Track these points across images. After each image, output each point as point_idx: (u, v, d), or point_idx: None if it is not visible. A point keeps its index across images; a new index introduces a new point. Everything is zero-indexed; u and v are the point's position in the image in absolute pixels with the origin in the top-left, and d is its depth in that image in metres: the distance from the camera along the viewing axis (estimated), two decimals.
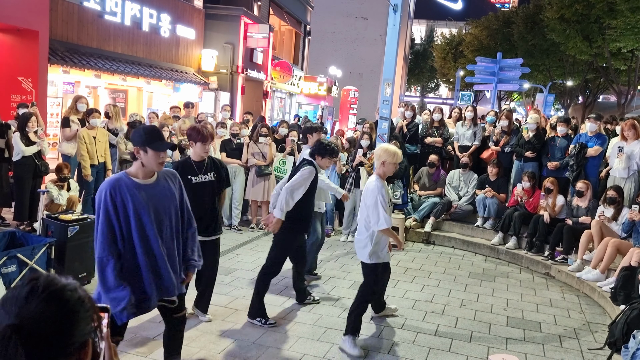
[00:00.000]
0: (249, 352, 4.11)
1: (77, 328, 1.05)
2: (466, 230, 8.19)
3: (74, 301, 1.06)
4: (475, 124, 8.65)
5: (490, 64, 14.52)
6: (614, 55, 22.92)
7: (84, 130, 7.22)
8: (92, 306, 1.10)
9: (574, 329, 5.08)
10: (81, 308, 1.06)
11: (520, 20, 28.57)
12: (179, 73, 15.56)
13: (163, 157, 2.93)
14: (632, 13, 18.63)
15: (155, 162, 2.90)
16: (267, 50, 19.50)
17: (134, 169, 2.92)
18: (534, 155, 7.78)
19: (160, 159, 2.91)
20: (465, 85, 29.70)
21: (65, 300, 1.05)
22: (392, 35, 7.52)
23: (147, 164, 2.89)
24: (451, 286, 6.13)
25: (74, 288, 1.08)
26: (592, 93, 30.38)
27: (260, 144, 7.90)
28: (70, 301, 1.05)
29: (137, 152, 2.88)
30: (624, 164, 6.72)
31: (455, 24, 46.76)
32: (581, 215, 6.81)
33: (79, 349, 1.06)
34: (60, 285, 1.06)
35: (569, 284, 6.46)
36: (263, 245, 7.21)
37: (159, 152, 2.89)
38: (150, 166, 2.91)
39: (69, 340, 1.03)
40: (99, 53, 12.30)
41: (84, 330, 1.07)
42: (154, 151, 2.86)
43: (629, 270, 5.30)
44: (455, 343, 4.56)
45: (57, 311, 1.03)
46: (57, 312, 1.02)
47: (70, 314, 1.04)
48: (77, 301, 1.06)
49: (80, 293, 1.08)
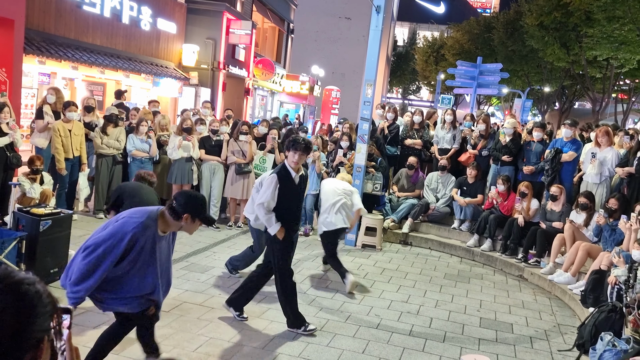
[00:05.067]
0: (224, 351, 4.08)
1: (34, 323, 1.01)
2: (443, 232, 8.27)
3: (31, 295, 1.02)
4: (455, 127, 8.75)
5: (471, 68, 14.69)
6: (590, 63, 23.43)
7: (59, 122, 7.08)
8: (52, 303, 1.06)
9: (544, 331, 5.18)
10: (39, 303, 1.03)
11: (500, 25, 29.00)
12: (159, 67, 15.36)
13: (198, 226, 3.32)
14: (609, 22, 19.05)
15: (192, 230, 3.30)
16: (250, 47, 19.39)
17: (165, 225, 3.19)
18: (511, 160, 7.90)
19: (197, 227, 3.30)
20: (445, 89, 30.03)
21: (22, 293, 1.01)
22: (375, 37, 7.55)
23: (187, 229, 3.25)
24: (427, 287, 6.19)
25: (32, 282, 1.04)
26: (568, 99, 31.00)
27: (241, 141, 7.86)
28: (28, 295, 1.01)
29: (186, 219, 3.15)
30: (596, 170, 6.87)
31: (437, 27, 47.26)
32: (555, 219, 6.95)
33: (34, 346, 1.02)
34: (17, 278, 1.02)
35: (541, 286, 6.58)
36: (241, 243, 7.18)
37: (201, 223, 3.27)
38: (188, 231, 3.30)
39: (25, 336, 1.00)
40: (76, 44, 12.06)
41: (42, 326, 1.03)
42: (200, 221, 3.24)
43: (599, 274, 5.42)
44: (429, 343, 4.60)
45: (13, 304, 0.99)
46: (12, 305, 0.99)
47: (26, 308, 1.00)
48: (34, 295, 1.02)
49: (38, 287, 1.04)
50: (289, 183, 4.47)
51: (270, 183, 4.44)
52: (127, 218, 3.13)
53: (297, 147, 4.41)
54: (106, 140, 7.52)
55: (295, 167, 4.49)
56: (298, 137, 4.60)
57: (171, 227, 3.22)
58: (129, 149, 7.66)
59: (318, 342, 4.40)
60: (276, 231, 4.44)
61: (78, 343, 3.81)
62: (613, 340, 4.06)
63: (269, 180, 4.48)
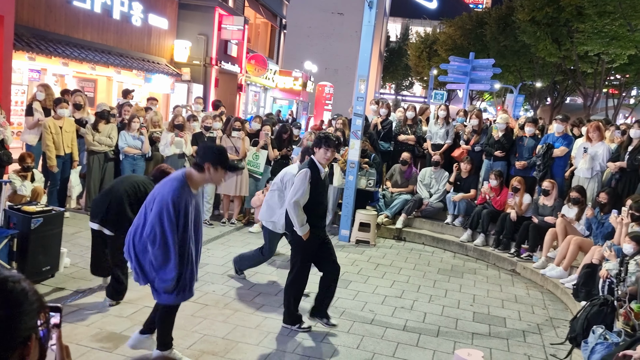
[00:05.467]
0: (218, 347, 4.08)
1: (21, 321, 1.00)
2: (436, 227, 8.30)
3: (17, 293, 1.01)
4: (448, 122, 8.77)
5: (463, 63, 14.71)
6: (582, 59, 23.55)
7: (50, 119, 7.02)
8: (39, 300, 1.05)
9: (537, 325, 5.22)
10: (25, 301, 1.02)
11: (492, 21, 29.07)
12: (151, 63, 15.27)
13: (226, 176, 3.53)
14: (600, 17, 19.15)
15: (219, 180, 3.47)
16: (242, 42, 19.30)
17: (193, 182, 3.36)
18: (503, 155, 7.93)
19: (224, 177, 3.47)
20: (438, 84, 30.05)
21: (8, 291, 1.00)
22: (367, 32, 7.54)
23: (213, 180, 3.42)
24: (420, 282, 6.22)
25: (18, 280, 1.03)
26: (560, 95, 31.16)
27: (233, 138, 7.83)
28: (13, 292, 1.01)
29: (208, 168, 3.30)
30: (587, 165, 6.92)
31: (430, 22, 47.24)
32: (547, 213, 6.99)
33: (22, 344, 1.01)
34: (1, 277, 1.01)
35: (533, 280, 6.62)
36: (234, 240, 7.17)
37: (227, 172, 3.42)
38: (215, 182, 3.53)
39: (12, 334, 0.99)
40: (67, 40, 11.95)
41: (28, 324, 1.02)
42: (224, 170, 3.38)
43: (591, 268, 5.47)
44: (422, 338, 4.63)
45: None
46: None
47: (12, 306, 1.00)
48: (20, 293, 1.01)
49: (24, 285, 1.03)
50: (319, 180, 4.41)
51: (303, 179, 4.31)
52: (161, 189, 3.29)
53: (329, 144, 4.35)
54: (98, 137, 7.46)
55: (326, 163, 4.46)
56: (329, 134, 4.49)
57: (200, 182, 3.41)
58: (121, 146, 7.61)
59: (313, 338, 4.41)
60: (305, 232, 4.35)
61: (70, 341, 3.80)
62: (605, 333, 4.09)
63: (301, 176, 4.33)
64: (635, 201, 5.49)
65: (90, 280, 5.00)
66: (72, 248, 5.93)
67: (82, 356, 3.71)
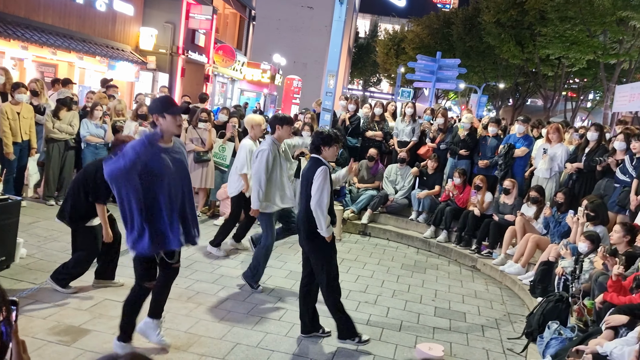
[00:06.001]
0: (180, 341, 4.03)
1: None
2: (401, 223, 8.42)
3: None
4: (415, 120, 8.89)
5: (430, 62, 14.91)
6: (543, 62, 24.27)
7: (7, 105, 6.74)
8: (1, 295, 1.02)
9: (495, 320, 5.37)
10: None
11: (459, 21, 29.59)
12: (115, 50, 14.86)
13: (179, 120, 3.42)
14: (561, 22, 19.75)
15: (174, 126, 3.40)
16: (210, 32, 19.01)
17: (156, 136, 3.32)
18: (467, 154, 8.11)
19: (177, 122, 3.40)
20: (405, 82, 30.40)
21: None
22: (338, 27, 7.56)
23: (167, 129, 3.36)
24: (384, 277, 6.30)
25: None
26: (521, 96, 32.03)
27: (200, 129, 7.72)
28: None
29: (156, 120, 3.35)
30: (547, 165, 7.15)
31: (398, 20, 47.68)
32: (507, 212, 7.19)
33: None
34: None
35: (492, 276, 6.81)
36: (206, 230, 7.06)
37: (176, 116, 3.36)
38: (170, 130, 3.40)
39: None
40: (26, 23, 11.50)
41: None
42: (171, 115, 3.33)
43: (547, 265, 5.66)
44: (385, 332, 4.69)
45: None
46: None
47: None
48: None
49: None
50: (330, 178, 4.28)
51: (325, 176, 4.10)
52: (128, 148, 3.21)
53: (338, 141, 4.25)
54: (58, 125, 7.22)
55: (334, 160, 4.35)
56: (330, 131, 4.32)
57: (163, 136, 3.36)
58: (83, 134, 7.39)
59: (276, 332, 4.41)
60: (330, 234, 4.16)
61: (26, 335, 3.68)
62: (559, 328, 4.25)
63: (323, 174, 4.09)
64: (591, 201, 5.71)
65: (47, 272, 4.85)
66: (29, 238, 5.73)
67: (38, 350, 3.60)
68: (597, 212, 5.60)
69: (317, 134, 4.32)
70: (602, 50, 19.49)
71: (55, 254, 5.40)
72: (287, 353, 4.08)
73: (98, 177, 4.23)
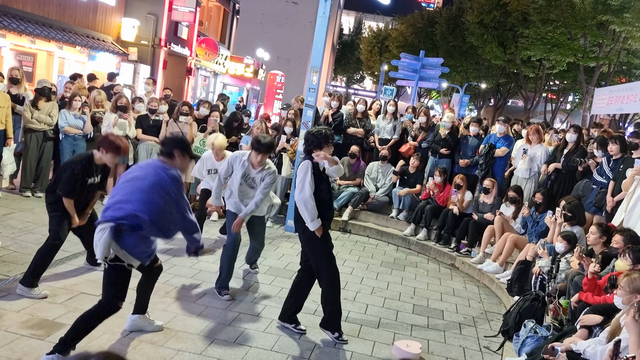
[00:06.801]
0: (156, 336, 3.99)
1: None
2: (381, 221, 8.46)
3: None
4: (396, 118, 8.92)
5: (413, 61, 14.96)
6: (525, 63, 24.59)
7: None
8: None
9: (472, 318, 5.43)
10: None
11: (443, 21, 29.78)
12: (96, 40, 14.59)
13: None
14: (543, 24, 20.01)
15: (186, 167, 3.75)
16: (193, 25, 18.80)
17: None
18: (448, 153, 8.17)
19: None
20: (388, 80, 30.51)
21: None
22: (322, 23, 7.52)
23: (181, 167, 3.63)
24: (364, 274, 6.32)
25: None
26: (502, 97, 32.41)
27: (181, 122, 7.63)
28: None
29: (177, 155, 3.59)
30: (526, 165, 7.25)
31: (382, 18, 47.79)
32: (486, 211, 7.27)
33: None
34: None
35: (471, 275, 6.88)
36: None
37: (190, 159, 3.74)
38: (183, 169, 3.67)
39: None
40: (4, 10, 11.22)
41: None
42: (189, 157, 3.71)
43: (524, 264, 5.74)
44: (364, 329, 4.71)
45: None
46: None
47: None
48: None
49: None
50: (322, 175, 4.25)
51: (306, 170, 4.13)
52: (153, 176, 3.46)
53: (331, 139, 4.26)
54: (37, 115, 7.07)
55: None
56: (322, 130, 4.28)
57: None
58: (61, 125, 7.25)
59: (255, 328, 4.39)
60: (317, 227, 4.14)
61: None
62: (535, 327, 4.31)
63: (303, 169, 4.13)
64: (568, 202, 5.80)
65: (22, 264, 4.75)
66: (4, 230, 5.61)
67: (10, 344, 3.53)
68: (574, 212, 5.69)
69: (307, 137, 4.30)
70: (582, 53, 19.81)
71: (29, 246, 5.29)
72: (265, 349, 4.06)
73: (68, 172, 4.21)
